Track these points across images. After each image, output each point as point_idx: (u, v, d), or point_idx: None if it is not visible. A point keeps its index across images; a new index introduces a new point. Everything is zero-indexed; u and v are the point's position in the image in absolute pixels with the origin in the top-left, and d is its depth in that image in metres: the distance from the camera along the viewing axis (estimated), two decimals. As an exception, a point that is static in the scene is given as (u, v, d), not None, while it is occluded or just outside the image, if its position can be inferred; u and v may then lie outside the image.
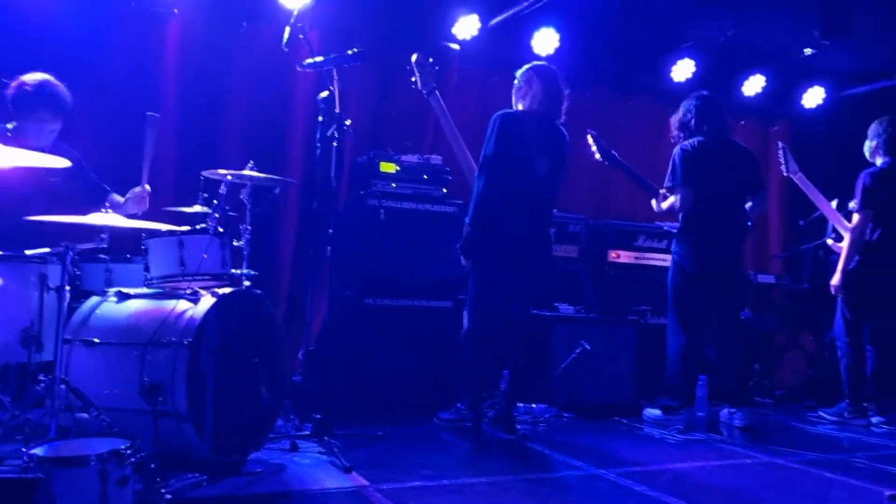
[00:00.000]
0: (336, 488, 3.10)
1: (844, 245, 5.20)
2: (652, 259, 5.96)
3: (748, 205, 4.94)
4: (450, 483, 3.23)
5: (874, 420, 5.12)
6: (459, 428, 4.36)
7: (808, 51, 6.23)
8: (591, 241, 5.80)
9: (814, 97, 7.11)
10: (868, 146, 5.28)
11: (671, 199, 4.86)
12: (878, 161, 5.22)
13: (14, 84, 3.82)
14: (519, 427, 4.39)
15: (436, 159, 5.23)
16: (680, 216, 4.87)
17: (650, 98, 6.80)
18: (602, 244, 5.83)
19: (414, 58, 4.44)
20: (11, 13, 4.51)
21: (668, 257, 5.96)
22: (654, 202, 5.07)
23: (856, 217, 5.13)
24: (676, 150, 4.84)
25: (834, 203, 5.48)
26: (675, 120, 5.00)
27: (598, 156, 5.01)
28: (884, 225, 5.11)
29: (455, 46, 5.76)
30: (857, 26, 5.33)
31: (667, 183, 4.85)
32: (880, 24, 5.73)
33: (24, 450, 2.58)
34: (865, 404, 5.21)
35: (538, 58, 5.68)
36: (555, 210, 4.64)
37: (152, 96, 4.88)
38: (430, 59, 4.49)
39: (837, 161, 6.45)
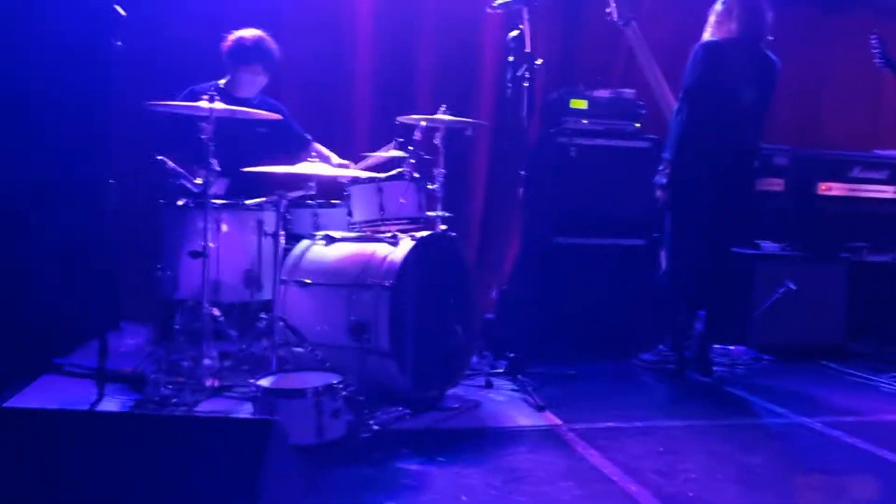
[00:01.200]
0: (530, 426, 3.19)
1: None
2: (869, 191, 5.46)
3: None
4: (643, 425, 3.22)
5: None
6: (660, 370, 4.30)
7: None
8: (798, 174, 5.40)
9: None
10: None
11: None
12: None
13: (232, 38, 4.08)
14: (715, 369, 4.27)
15: (628, 93, 5.06)
16: None
17: (857, 13, 6.08)
18: (811, 176, 5.42)
19: None
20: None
21: (888, 188, 5.45)
22: None
23: None
24: None
25: None
26: None
27: (877, 60, 4.62)
28: None
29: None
30: None
31: None
32: None
33: (251, 380, 2.91)
34: None
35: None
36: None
37: (347, 46, 5.07)
38: None
39: None
